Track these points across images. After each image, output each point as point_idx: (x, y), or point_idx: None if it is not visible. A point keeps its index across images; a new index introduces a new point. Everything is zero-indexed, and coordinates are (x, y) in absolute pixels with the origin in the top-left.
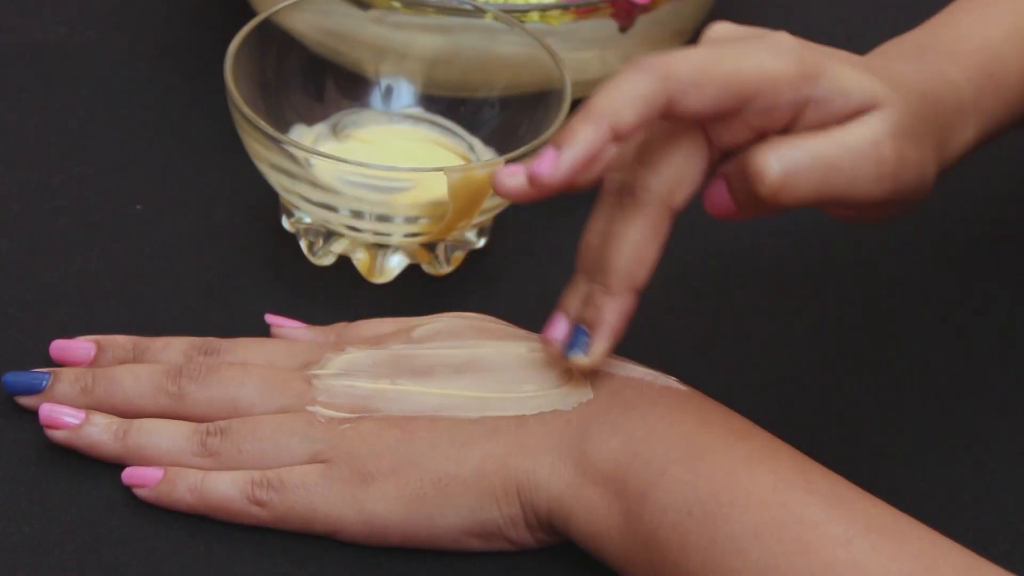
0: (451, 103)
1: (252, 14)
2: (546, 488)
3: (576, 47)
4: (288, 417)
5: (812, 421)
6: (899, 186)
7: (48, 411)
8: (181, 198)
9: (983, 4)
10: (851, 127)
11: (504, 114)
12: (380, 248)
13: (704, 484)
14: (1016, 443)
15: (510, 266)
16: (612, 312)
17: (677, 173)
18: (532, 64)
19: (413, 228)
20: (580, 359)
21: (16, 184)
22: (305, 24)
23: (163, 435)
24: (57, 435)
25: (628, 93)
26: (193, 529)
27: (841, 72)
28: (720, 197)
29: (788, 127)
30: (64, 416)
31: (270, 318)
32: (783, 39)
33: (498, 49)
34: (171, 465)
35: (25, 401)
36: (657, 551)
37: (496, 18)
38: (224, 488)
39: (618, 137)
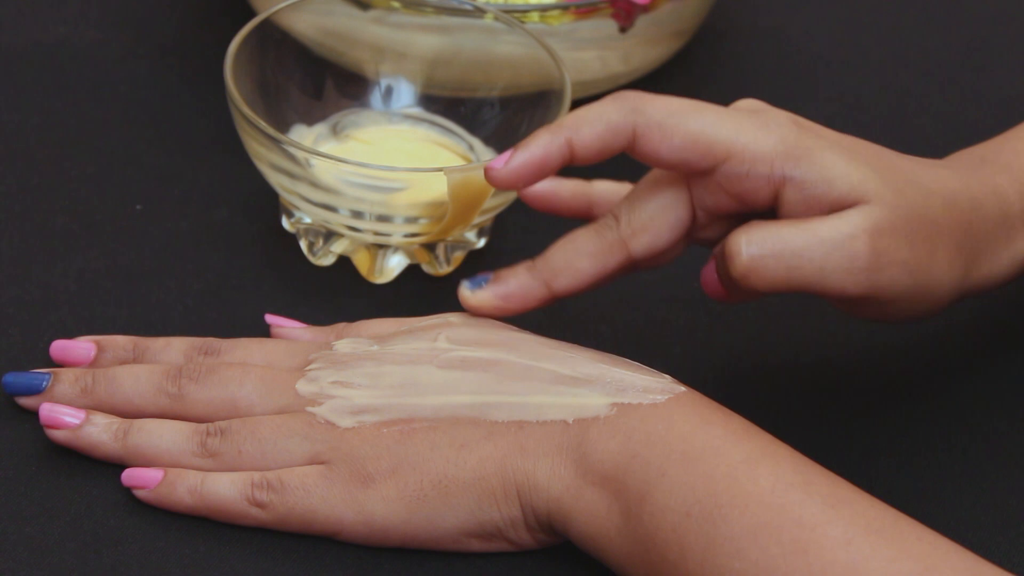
0: (451, 103)
1: (252, 14)
2: (545, 489)
3: (576, 47)
4: (288, 418)
5: (812, 421)
6: (878, 284)
7: (48, 411)
8: (181, 198)
9: None
10: (828, 220)
11: (504, 114)
12: (380, 248)
13: (703, 485)
14: (1016, 443)
15: (510, 266)
16: (517, 283)
17: (645, 219)
18: (532, 64)
19: (413, 228)
20: (464, 291)
21: (16, 184)
22: (305, 24)
23: (163, 435)
24: (57, 435)
25: (595, 115)
26: (193, 529)
27: (828, 160)
28: (710, 277)
29: (772, 205)
30: (64, 416)
31: (270, 318)
32: (777, 116)
33: (498, 49)
34: (171, 465)
35: (25, 401)
36: (656, 552)
37: (496, 18)
38: (224, 490)
39: (574, 152)
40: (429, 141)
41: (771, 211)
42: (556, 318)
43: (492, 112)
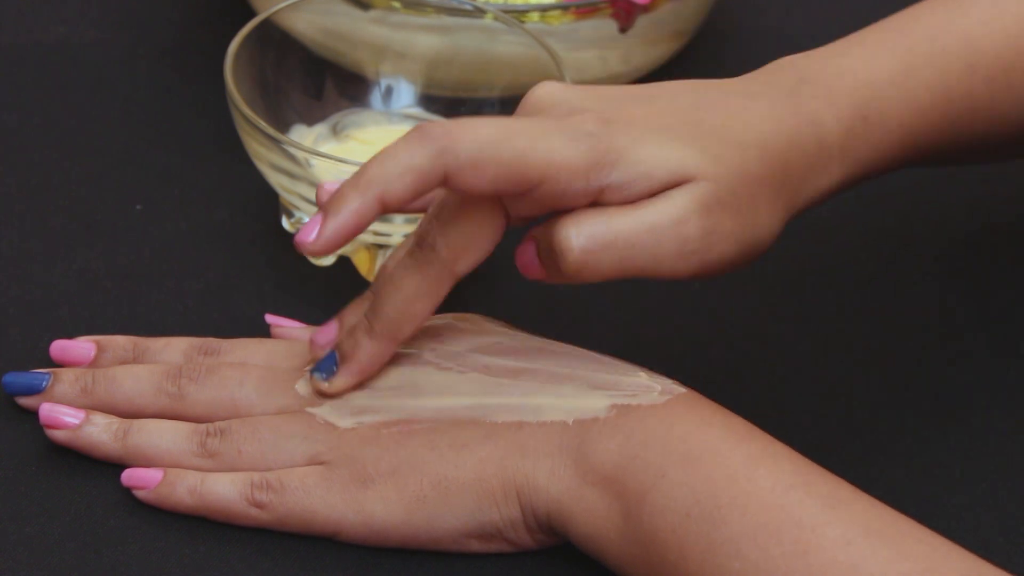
0: (451, 103)
1: (252, 14)
2: (545, 490)
3: (576, 47)
4: (288, 418)
5: (812, 422)
6: (709, 261)
7: (48, 411)
8: (181, 198)
9: (877, 40)
10: (656, 204)
11: (504, 114)
12: (380, 248)
13: (703, 486)
14: (1016, 443)
15: (510, 266)
16: (366, 354)
17: (465, 240)
18: (532, 64)
19: (413, 228)
20: (320, 384)
21: (16, 184)
22: (305, 24)
23: (163, 435)
24: (57, 435)
25: (402, 164)
26: (193, 530)
27: (643, 154)
28: (530, 260)
29: (591, 203)
30: (64, 416)
31: (270, 318)
32: (585, 123)
33: (498, 49)
34: (171, 465)
35: (25, 401)
36: (656, 553)
37: (496, 18)
38: (223, 490)
39: (387, 208)
40: None
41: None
42: (555, 318)
43: (492, 112)
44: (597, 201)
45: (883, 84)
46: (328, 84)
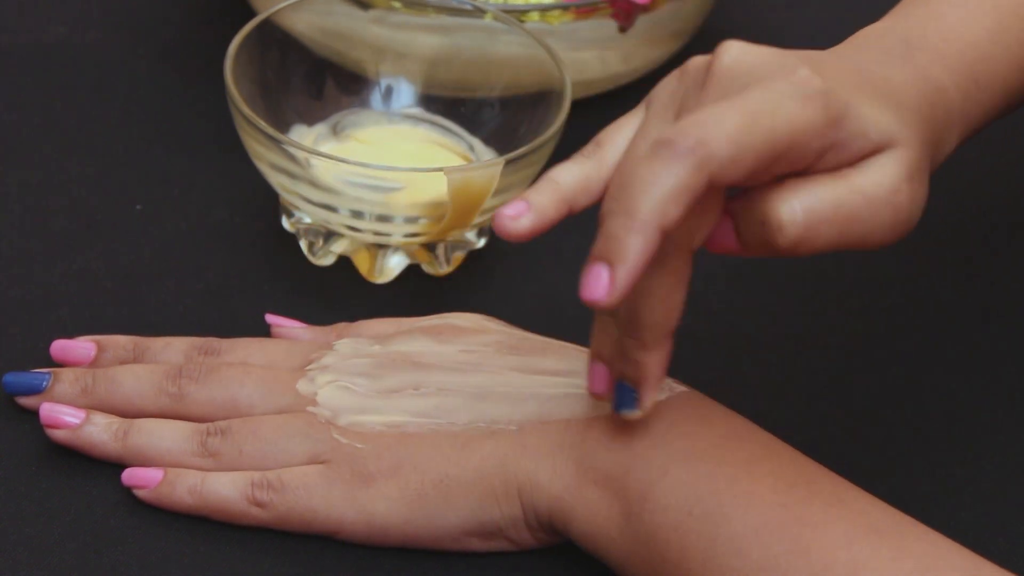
0: (451, 103)
1: (252, 14)
2: (547, 489)
3: (576, 47)
4: (288, 417)
5: (812, 421)
6: (909, 231)
7: (48, 411)
8: (181, 198)
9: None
10: (869, 172)
11: (504, 114)
12: (380, 248)
13: (704, 484)
14: (1016, 443)
15: (510, 266)
16: (654, 364)
17: (697, 220)
18: (532, 64)
19: (413, 228)
20: (633, 414)
21: (16, 184)
22: (305, 24)
23: (163, 435)
24: (57, 435)
25: (669, 189)
26: (193, 529)
27: (863, 112)
28: (726, 238)
29: (807, 169)
30: (64, 416)
31: (270, 318)
32: (808, 80)
33: (498, 49)
34: (171, 465)
35: (25, 401)
36: (657, 551)
37: (496, 18)
38: (224, 489)
39: (666, 235)
40: (429, 141)
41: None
42: (557, 318)
43: (492, 112)
44: (814, 164)
45: (985, 44)
46: (328, 84)
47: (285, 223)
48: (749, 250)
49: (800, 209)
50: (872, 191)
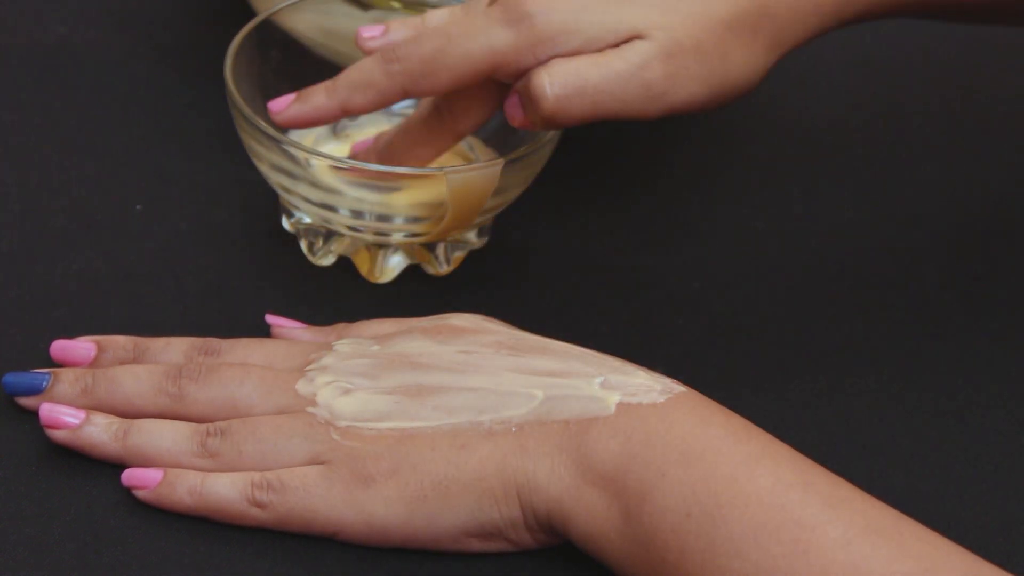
0: None
1: (252, 14)
2: (545, 490)
3: None
4: (288, 418)
5: (812, 421)
6: (677, 102)
7: (48, 411)
8: (181, 198)
9: None
10: (621, 52)
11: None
12: (380, 248)
13: (703, 485)
14: (1016, 443)
15: (510, 266)
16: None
17: (464, 111)
18: None
19: (413, 228)
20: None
21: (16, 184)
22: (305, 24)
23: (163, 435)
24: (57, 435)
25: (364, 81)
26: (193, 529)
27: (606, 19)
28: (515, 111)
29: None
30: (64, 416)
31: (270, 318)
32: (517, 5)
33: None
34: (171, 465)
35: (25, 401)
36: (656, 552)
37: None
38: (224, 490)
39: (347, 112)
40: None
41: None
42: (556, 318)
43: None
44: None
45: None
46: None
47: (285, 223)
48: (532, 123)
49: (552, 83)
50: (621, 67)
